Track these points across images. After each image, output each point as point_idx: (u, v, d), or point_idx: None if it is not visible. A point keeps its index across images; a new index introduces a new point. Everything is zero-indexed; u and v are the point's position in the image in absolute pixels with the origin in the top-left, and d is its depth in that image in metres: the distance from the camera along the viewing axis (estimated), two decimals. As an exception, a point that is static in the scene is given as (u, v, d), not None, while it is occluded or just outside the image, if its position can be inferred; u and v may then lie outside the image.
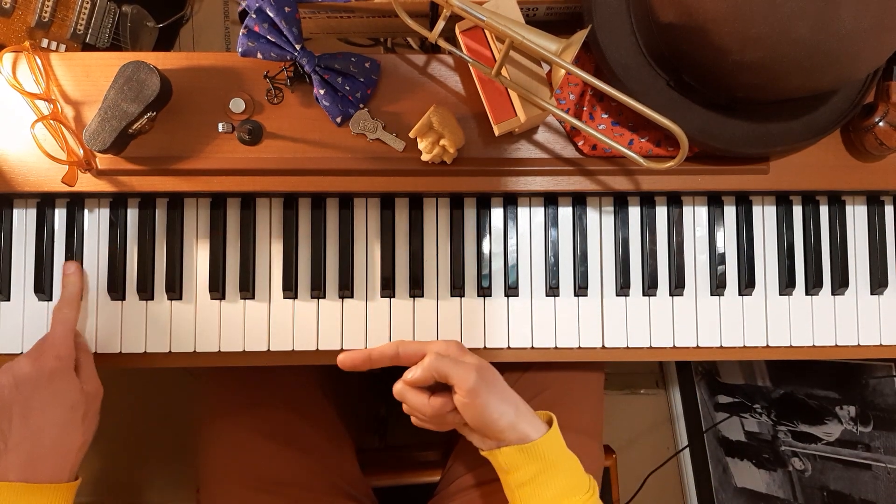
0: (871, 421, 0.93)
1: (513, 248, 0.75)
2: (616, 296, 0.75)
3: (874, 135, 0.69)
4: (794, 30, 0.55)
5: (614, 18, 0.68)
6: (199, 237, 0.74)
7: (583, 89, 0.71)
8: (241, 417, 0.80)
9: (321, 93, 0.67)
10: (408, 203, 0.75)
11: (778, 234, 0.77)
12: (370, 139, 0.71)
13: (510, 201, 0.75)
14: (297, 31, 0.64)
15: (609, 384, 1.47)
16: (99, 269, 0.74)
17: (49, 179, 0.70)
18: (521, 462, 0.63)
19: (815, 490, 1.05)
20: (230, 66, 0.71)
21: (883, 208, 0.77)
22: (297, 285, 0.74)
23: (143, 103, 0.66)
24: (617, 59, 0.68)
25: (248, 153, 0.70)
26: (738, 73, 0.60)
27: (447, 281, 0.75)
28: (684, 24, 0.61)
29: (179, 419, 1.41)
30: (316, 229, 0.74)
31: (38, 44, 0.76)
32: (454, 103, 0.72)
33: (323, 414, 0.85)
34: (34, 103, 0.70)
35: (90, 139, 0.66)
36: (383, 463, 0.99)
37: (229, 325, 0.74)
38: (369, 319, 0.74)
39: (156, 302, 0.74)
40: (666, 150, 0.70)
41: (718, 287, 0.75)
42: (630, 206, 0.76)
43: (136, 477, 1.41)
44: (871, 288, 0.77)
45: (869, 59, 0.59)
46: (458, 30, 0.68)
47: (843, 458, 0.98)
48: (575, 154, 0.72)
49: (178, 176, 0.70)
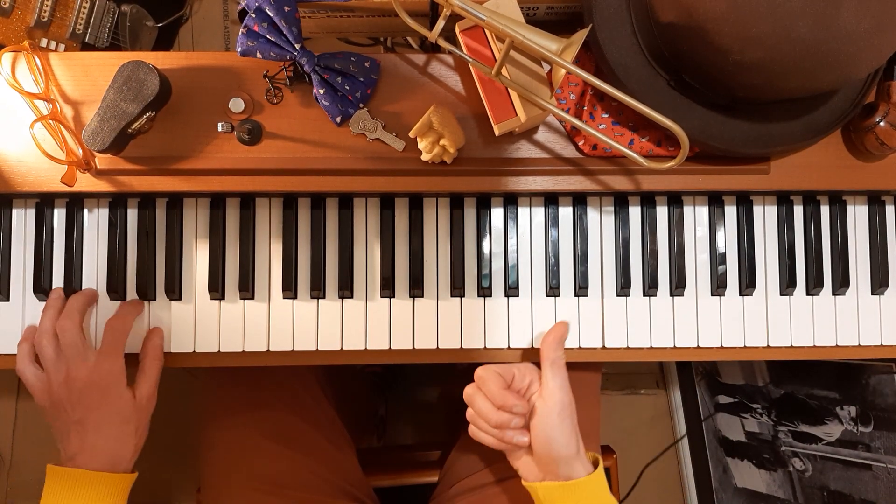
0: (871, 421, 0.93)
1: (513, 248, 0.75)
2: (616, 296, 0.75)
3: (875, 135, 0.69)
4: (795, 30, 0.55)
5: (614, 18, 0.68)
6: (198, 237, 0.74)
7: (583, 89, 0.71)
8: (242, 418, 0.80)
9: (321, 92, 0.67)
10: (408, 203, 0.75)
11: (779, 234, 0.76)
12: (370, 139, 0.70)
13: (510, 201, 0.75)
14: (296, 30, 0.64)
15: (609, 384, 1.47)
16: (98, 270, 0.74)
17: (48, 179, 0.70)
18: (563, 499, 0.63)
19: (816, 490, 1.05)
20: (230, 66, 0.70)
21: (884, 208, 0.77)
22: (296, 285, 0.74)
23: (142, 103, 0.65)
24: (617, 59, 0.67)
25: (248, 153, 0.70)
26: (739, 72, 0.60)
27: (447, 281, 0.75)
28: (684, 23, 0.60)
29: (179, 419, 1.41)
30: (316, 229, 0.74)
31: (38, 43, 0.75)
32: (454, 103, 0.71)
33: (323, 414, 0.85)
34: (33, 103, 0.69)
35: (89, 139, 0.66)
36: (383, 463, 0.98)
37: (229, 326, 0.74)
38: (369, 319, 0.74)
39: (155, 302, 0.74)
40: (666, 149, 0.70)
41: (719, 287, 0.75)
42: (630, 205, 0.76)
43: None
44: (872, 288, 0.76)
45: (869, 59, 0.59)
46: (458, 29, 0.67)
47: (843, 458, 0.98)
48: (575, 154, 0.72)
49: (177, 176, 0.70)
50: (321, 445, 0.82)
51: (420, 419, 1.46)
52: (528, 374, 0.68)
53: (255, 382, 0.82)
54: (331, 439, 0.84)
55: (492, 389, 0.65)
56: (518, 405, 0.64)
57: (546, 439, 0.64)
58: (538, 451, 0.65)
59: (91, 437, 0.65)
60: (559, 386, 0.65)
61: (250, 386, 0.82)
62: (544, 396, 0.65)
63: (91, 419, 0.65)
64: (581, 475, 0.64)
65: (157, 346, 0.71)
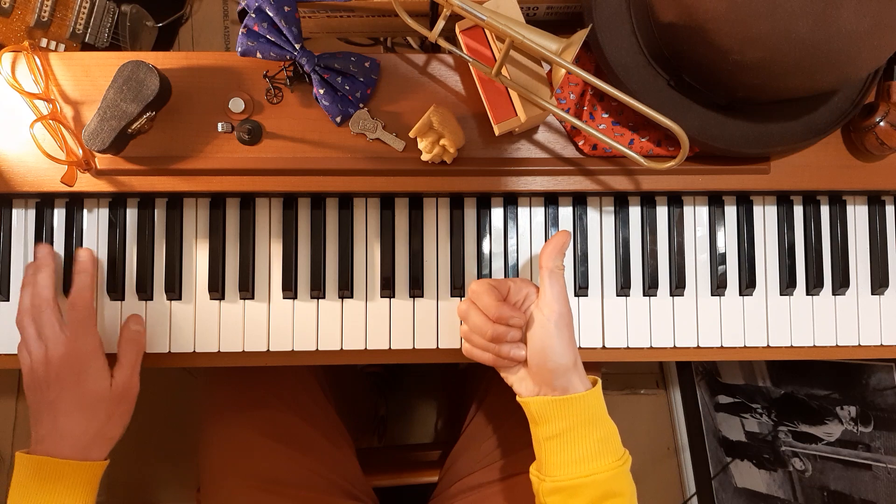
0: (871, 421, 0.93)
1: (513, 247, 0.75)
2: (616, 296, 0.75)
3: (875, 135, 0.69)
4: (795, 30, 0.55)
5: (614, 18, 0.68)
6: (198, 237, 0.74)
7: (583, 89, 0.71)
8: (242, 417, 0.80)
9: (321, 92, 0.67)
10: (408, 203, 0.75)
11: (779, 233, 0.77)
12: (370, 139, 0.70)
13: (510, 201, 0.75)
14: (296, 30, 0.64)
15: (609, 384, 1.47)
16: (98, 270, 0.74)
17: (48, 179, 0.70)
18: (555, 414, 0.62)
19: (816, 490, 1.05)
20: (229, 66, 0.70)
21: (884, 208, 0.77)
22: (296, 285, 0.74)
23: (142, 103, 0.65)
24: (617, 59, 0.67)
25: (248, 153, 0.70)
26: (739, 72, 0.60)
27: (447, 281, 0.75)
28: (684, 23, 0.60)
29: (179, 419, 1.41)
30: (316, 229, 0.74)
31: (38, 43, 0.75)
32: (454, 103, 0.71)
33: (322, 413, 0.85)
34: (33, 103, 0.69)
35: (89, 139, 0.66)
36: (383, 463, 0.99)
37: (229, 326, 0.74)
38: (369, 319, 0.74)
39: (155, 302, 0.74)
40: (666, 149, 0.70)
41: (719, 287, 0.75)
42: (630, 205, 0.76)
43: (135, 476, 1.41)
44: (872, 288, 0.76)
45: (869, 59, 0.59)
46: (459, 29, 0.67)
47: (843, 458, 0.98)
48: (575, 154, 0.72)
49: (177, 176, 0.70)
50: (320, 444, 0.82)
51: (420, 419, 1.46)
52: (525, 287, 0.65)
53: (255, 382, 0.82)
54: (330, 438, 0.84)
55: (486, 302, 0.62)
56: (515, 317, 0.61)
57: (542, 349, 0.62)
58: (534, 363, 0.63)
59: (62, 420, 0.65)
60: (557, 295, 0.63)
61: (249, 385, 0.82)
62: (541, 306, 0.63)
63: (64, 400, 0.65)
64: (579, 390, 0.62)
65: (134, 332, 0.71)
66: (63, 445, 0.64)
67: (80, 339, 0.67)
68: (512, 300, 0.64)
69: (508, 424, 0.84)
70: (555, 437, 0.62)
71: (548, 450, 0.62)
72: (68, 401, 0.65)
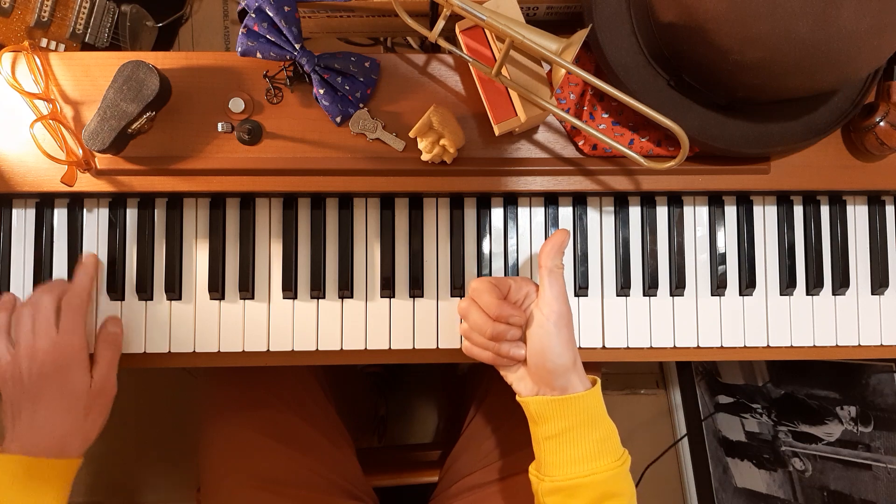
0: (871, 421, 0.93)
1: (513, 247, 0.75)
2: (616, 296, 0.75)
3: (875, 135, 0.69)
4: (795, 30, 0.55)
5: (614, 18, 0.68)
6: (198, 237, 0.74)
7: (583, 89, 0.71)
8: (242, 417, 0.80)
9: (321, 92, 0.67)
10: (408, 203, 0.75)
11: (779, 234, 0.76)
12: (370, 139, 0.70)
13: (510, 201, 0.75)
14: (296, 30, 0.64)
15: (609, 384, 1.47)
16: (98, 271, 0.74)
17: (48, 179, 0.70)
18: (554, 414, 0.62)
19: (816, 490, 1.05)
20: (229, 66, 0.70)
21: (884, 208, 0.77)
22: (296, 285, 0.74)
23: (142, 103, 0.65)
24: (617, 59, 0.67)
25: (248, 153, 0.70)
26: (739, 72, 0.60)
27: (447, 281, 0.75)
28: (684, 23, 0.60)
29: (179, 419, 1.41)
30: (316, 229, 0.74)
31: (38, 43, 0.75)
32: (454, 103, 0.71)
33: (322, 413, 0.85)
34: (33, 103, 0.69)
35: (89, 139, 0.66)
36: (383, 463, 0.99)
37: (229, 326, 0.74)
38: (369, 319, 0.74)
39: (155, 302, 0.74)
40: (666, 149, 0.70)
41: (719, 287, 0.75)
42: (630, 206, 0.76)
43: (135, 477, 1.41)
44: (872, 288, 0.76)
45: (869, 59, 0.59)
46: (458, 29, 0.67)
47: (843, 458, 0.98)
48: (575, 154, 0.72)
49: (177, 176, 0.70)
50: (320, 444, 0.82)
51: (420, 419, 1.46)
52: (525, 286, 0.65)
53: (255, 382, 0.82)
54: (330, 438, 0.84)
55: (487, 300, 0.62)
56: (515, 315, 0.61)
57: (542, 349, 0.62)
58: (534, 363, 0.63)
59: (42, 413, 0.64)
60: (556, 295, 0.63)
61: (250, 385, 0.82)
62: (541, 305, 0.63)
63: (45, 395, 0.65)
64: (578, 390, 0.62)
65: (111, 333, 0.71)
66: (40, 440, 0.64)
67: (69, 334, 0.67)
68: (512, 299, 0.64)
69: (508, 424, 0.84)
70: (554, 436, 0.62)
71: (547, 449, 0.62)
72: (50, 394, 0.65)
